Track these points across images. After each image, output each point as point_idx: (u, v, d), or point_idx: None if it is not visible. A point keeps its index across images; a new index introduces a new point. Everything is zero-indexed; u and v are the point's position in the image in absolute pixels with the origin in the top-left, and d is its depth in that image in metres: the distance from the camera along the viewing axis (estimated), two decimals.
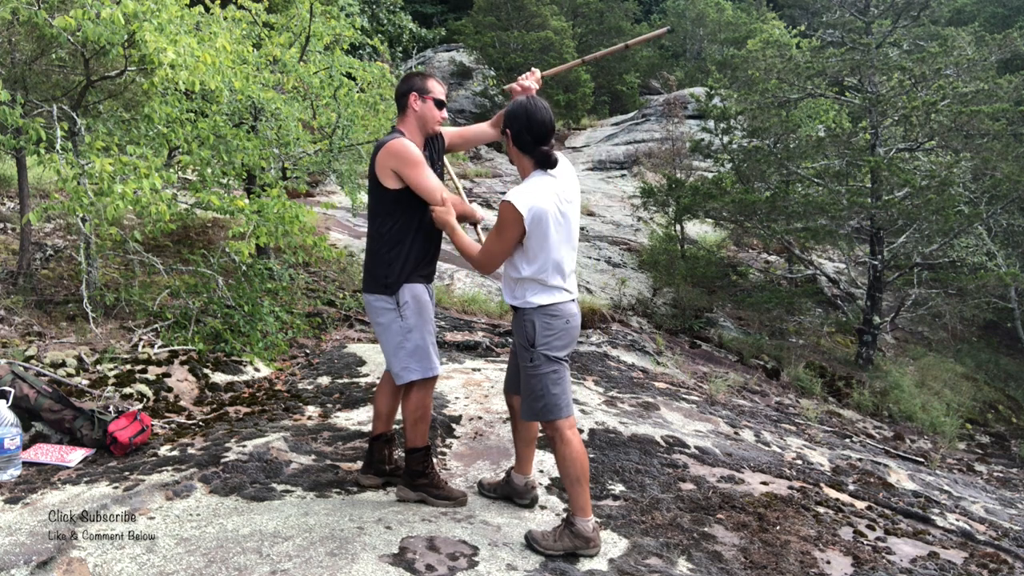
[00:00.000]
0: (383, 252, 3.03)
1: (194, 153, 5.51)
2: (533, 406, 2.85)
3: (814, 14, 15.75)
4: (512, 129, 2.80)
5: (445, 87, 3.20)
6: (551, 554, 2.78)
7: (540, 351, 2.80)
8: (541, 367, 2.81)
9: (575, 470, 2.81)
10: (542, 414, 2.84)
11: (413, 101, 3.09)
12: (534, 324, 2.81)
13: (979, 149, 10.31)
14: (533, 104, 2.80)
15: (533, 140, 2.78)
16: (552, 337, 2.81)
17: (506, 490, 3.26)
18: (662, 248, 13.29)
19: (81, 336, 4.98)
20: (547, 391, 2.81)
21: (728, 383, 7.59)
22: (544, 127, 2.78)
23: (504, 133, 2.86)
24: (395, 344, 3.05)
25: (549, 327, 2.81)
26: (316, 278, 8.21)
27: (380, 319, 3.07)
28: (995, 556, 3.41)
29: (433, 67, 27.14)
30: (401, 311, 3.01)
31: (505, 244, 2.77)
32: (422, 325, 3.04)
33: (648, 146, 19.28)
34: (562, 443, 2.82)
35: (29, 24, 4.80)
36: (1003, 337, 13.88)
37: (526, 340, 2.83)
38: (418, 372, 3.04)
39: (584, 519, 2.82)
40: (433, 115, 3.11)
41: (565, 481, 2.85)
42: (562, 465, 2.84)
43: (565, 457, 2.82)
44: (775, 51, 12.03)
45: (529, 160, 2.82)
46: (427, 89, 3.09)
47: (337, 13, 7.60)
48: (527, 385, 2.86)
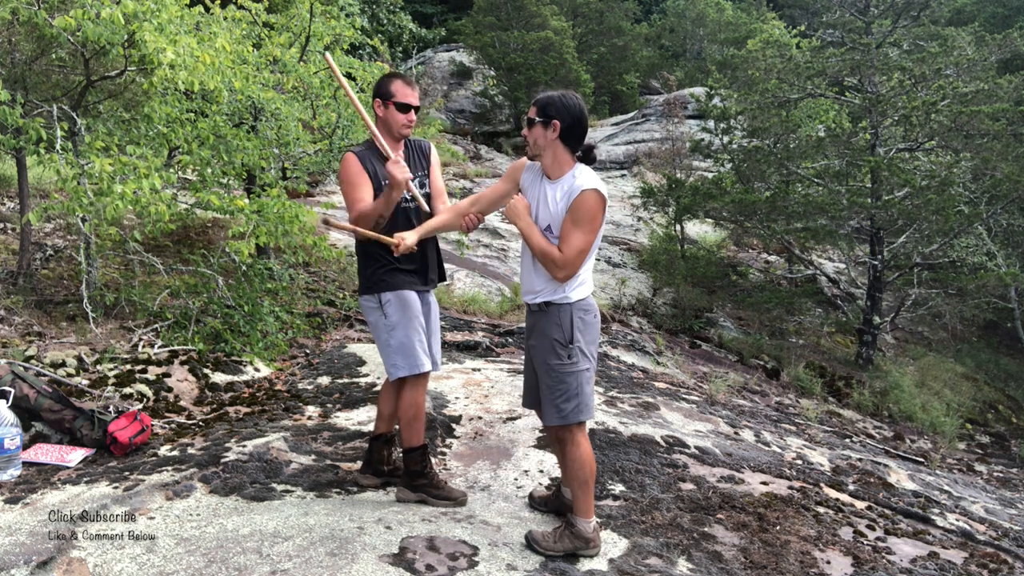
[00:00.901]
0: (366, 255, 3.14)
1: (194, 153, 5.51)
2: (563, 407, 2.75)
3: (814, 14, 15.76)
4: (564, 121, 2.67)
5: (416, 88, 3.14)
6: (551, 555, 2.77)
7: (578, 347, 2.75)
8: (579, 363, 2.75)
9: (584, 473, 2.79)
10: (574, 415, 2.75)
11: (377, 107, 3.11)
12: (571, 319, 2.74)
13: (979, 149, 10.31)
14: (577, 98, 2.73)
15: (582, 134, 2.73)
16: (587, 332, 2.78)
17: (557, 504, 3.18)
18: (662, 248, 13.29)
19: (81, 336, 4.98)
20: (581, 389, 2.76)
21: (728, 383, 7.59)
22: (587, 122, 2.77)
23: (542, 123, 2.70)
24: (382, 342, 3.12)
25: (584, 322, 2.77)
26: (316, 278, 8.21)
27: (368, 318, 3.18)
28: (995, 556, 3.41)
29: (433, 67, 27.13)
30: (384, 309, 3.08)
31: (594, 236, 2.68)
32: (406, 322, 3.07)
33: (648, 146, 19.27)
34: (574, 445, 2.79)
35: (29, 24, 4.80)
36: (1003, 337, 13.88)
37: (563, 336, 2.74)
38: (405, 369, 3.07)
39: (586, 520, 2.82)
40: (396, 119, 3.09)
41: (573, 483, 2.83)
42: (572, 467, 2.81)
43: (575, 459, 2.79)
44: (775, 51, 12.04)
45: (569, 153, 2.73)
46: (390, 93, 3.08)
47: (337, 13, 7.61)
48: (558, 386, 2.76)
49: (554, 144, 2.71)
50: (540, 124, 2.71)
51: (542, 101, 2.71)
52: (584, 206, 2.64)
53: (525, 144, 2.82)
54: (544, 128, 2.70)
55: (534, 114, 2.72)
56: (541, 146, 2.73)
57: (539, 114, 2.71)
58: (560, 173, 2.74)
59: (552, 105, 2.69)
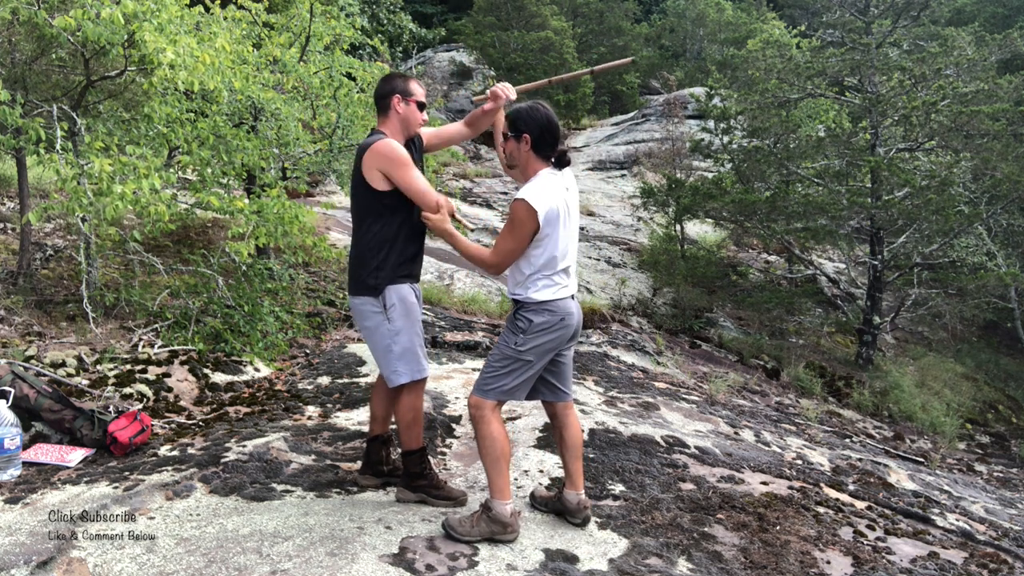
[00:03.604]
0: (369, 254, 3.02)
1: (194, 153, 5.51)
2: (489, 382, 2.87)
3: (814, 14, 15.76)
4: (532, 132, 2.83)
5: (425, 88, 3.20)
6: (469, 540, 2.78)
7: (529, 341, 2.84)
8: (524, 355, 2.85)
9: (496, 451, 2.83)
10: (493, 393, 2.86)
11: (396, 103, 3.08)
12: (529, 319, 2.85)
13: (979, 149, 10.30)
14: (544, 108, 2.87)
15: (553, 142, 2.87)
16: (545, 331, 2.86)
17: (557, 506, 3.18)
18: (662, 248, 13.29)
19: (81, 336, 4.98)
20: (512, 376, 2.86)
21: (728, 383, 7.59)
22: (558, 129, 2.89)
23: (514, 137, 2.86)
24: (383, 347, 3.03)
25: (543, 324, 2.86)
26: (316, 278, 8.21)
27: (367, 322, 3.06)
28: (995, 556, 3.41)
29: (433, 67, 27.14)
30: (388, 314, 3.00)
31: (519, 242, 2.82)
32: (410, 327, 3.03)
33: (648, 146, 19.28)
34: (486, 423, 2.84)
35: (29, 24, 4.80)
36: (1003, 337, 13.88)
37: (517, 327, 2.87)
38: (407, 375, 3.03)
39: (502, 502, 2.83)
40: (416, 117, 3.11)
41: (485, 461, 2.86)
42: (484, 444, 2.85)
43: (486, 436, 2.83)
44: (775, 51, 12.04)
45: (541, 161, 2.88)
46: (410, 91, 3.09)
47: (337, 13, 7.60)
48: (496, 361, 2.89)
49: (527, 155, 2.88)
50: (512, 139, 2.88)
51: (512, 117, 2.90)
52: (513, 213, 2.81)
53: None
54: (517, 142, 2.87)
55: (506, 129, 2.91)
56: (516, 158, 2.91)
57: (511, 129, 2.88)
58: (530, 177, 2.89)
59: (521, 119, 2.86)
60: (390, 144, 2.96)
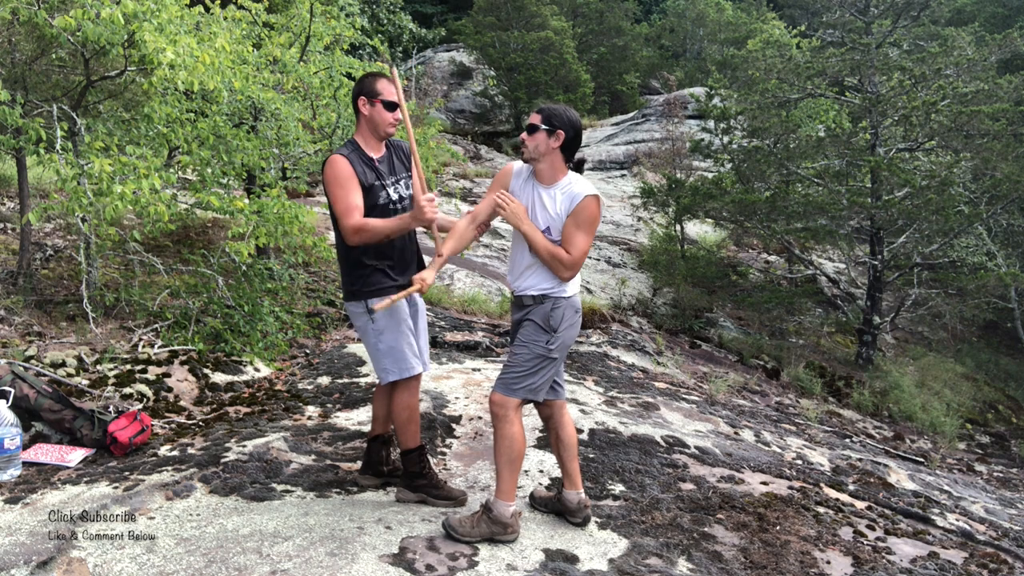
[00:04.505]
0: (347, 261, 3.06)
1: (194, 153, 5.51)
2: (518, 381, 2.85)
3: (814, 14, 15.74)
4: (568, 132, 2.88)
5: (399, 85, 3.04)
6: (469, 540, 2.78)
7: (560, 338, 2.89)
8: (553, 352, 2.89)
9: (513, 451, 2.84)
10: (522, 392, 2.86)
11: (362, 105, 3.02)
12: (563, 313, 2.90)
13: (979, 149, 10.30)
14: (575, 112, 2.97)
15: (576, 147, 2.95)
16: (571, 329, 2.95)
17: (557, 506, 3.19)
18: (662, 248, 13.29)
19: (81, 336, 4.98)
20: (541, 375, 2.88)
21: (728, 383, 7.59)
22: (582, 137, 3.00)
23: (547, 131, 2.86)
24: (371, 346, 3.09)
25: (571, 319, 2.94)
26: (316, 278, 8.21)
27: (356, 323, 3.14)
28: (995, 556, 3.41)
29: (433, 67, 27.15)
30: (371, 315, 3.03)
31: (593, 237, 2.91)
32: (394, 326, 3.04)
33: (648, 146, 19.27)
34: (509, 423, 2.84)
35: (29, 24, 4.80)
36: (1003, 337, 13.88)
37: (549, 325, 2.89)
38: (395, 373, 3.06)
39: (505, 504, 2.84)
40: (383, 118, 3.02)
41: (500, 460, 2.86)
42: (502, 444, 2.85)
43: (507, 436, 2.84)
44: (775, 51, 12.05)
45: (564, 161, 2.93)
46: (375, 91, 3.00)
47: (337, 13, 7.60)
48: (525, 361, 2.87)
49: (554, 153, 2.89)
50: (545, 132, 2.87)
51: (547, 111, 2.90)
52: (587, 211, 2.84)
53: (521, 147, 2.95)
54: (548, 136, 2.87)
55: (539, 121, 2.89)
56: (542, 152, 2.90)
57: (545, 123, 2.88)
58: (554, 179, 2.92)
59: (557, 116, 2.88)
60: (332, 162, 2.94)
